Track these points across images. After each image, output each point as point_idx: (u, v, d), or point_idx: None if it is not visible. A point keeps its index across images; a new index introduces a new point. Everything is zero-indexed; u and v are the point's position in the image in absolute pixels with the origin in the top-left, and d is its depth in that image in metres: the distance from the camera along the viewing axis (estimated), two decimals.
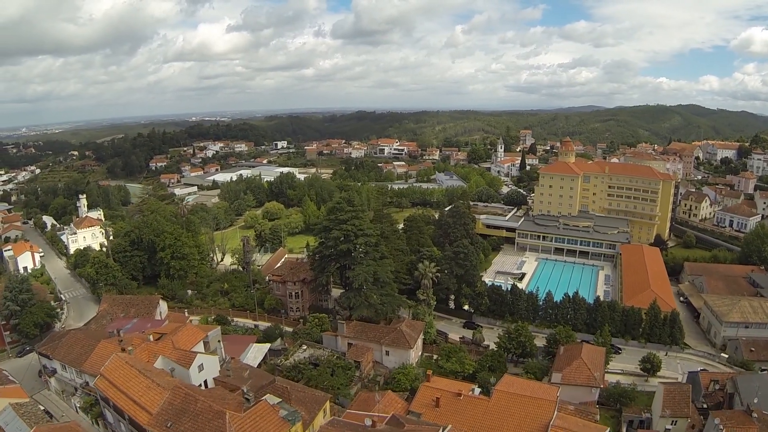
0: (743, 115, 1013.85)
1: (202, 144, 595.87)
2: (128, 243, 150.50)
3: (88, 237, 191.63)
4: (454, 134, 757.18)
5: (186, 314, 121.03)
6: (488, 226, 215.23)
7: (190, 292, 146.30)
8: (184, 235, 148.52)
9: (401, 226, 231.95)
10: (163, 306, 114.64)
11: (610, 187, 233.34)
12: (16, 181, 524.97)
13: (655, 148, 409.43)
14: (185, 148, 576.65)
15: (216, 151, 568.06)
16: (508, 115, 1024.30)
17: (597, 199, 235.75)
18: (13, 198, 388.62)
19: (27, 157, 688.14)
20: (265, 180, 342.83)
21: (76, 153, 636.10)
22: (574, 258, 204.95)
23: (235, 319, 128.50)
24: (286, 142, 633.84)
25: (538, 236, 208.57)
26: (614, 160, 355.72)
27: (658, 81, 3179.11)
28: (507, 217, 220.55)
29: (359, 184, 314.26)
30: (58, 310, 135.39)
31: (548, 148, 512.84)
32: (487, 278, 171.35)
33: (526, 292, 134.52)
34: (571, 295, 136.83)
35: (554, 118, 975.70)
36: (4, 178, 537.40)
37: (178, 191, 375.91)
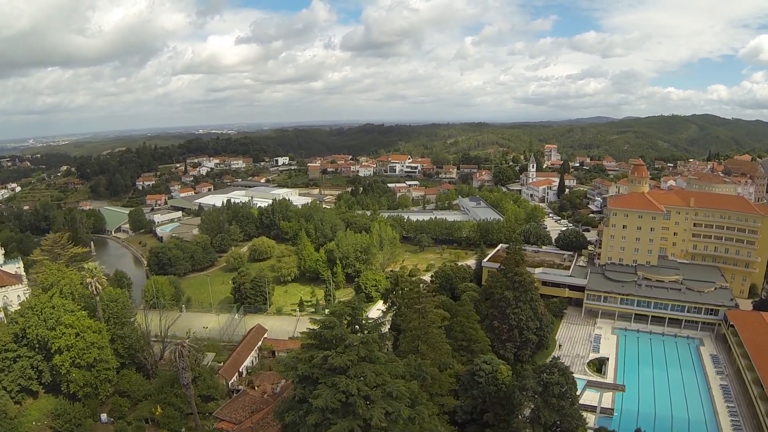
0: (758, 124, 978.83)
1: (196, 160, 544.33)
2: (11, 338, 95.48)
3: None
4: (467, 147, 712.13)
5: None
6: (545, 284, 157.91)
7: (104, 418, 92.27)
8: (93, 329, 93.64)
9: (428, 276, 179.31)
10: None
11: (695, 225, 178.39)
12: None
13: (715, 166, 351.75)
14: (177, 165, 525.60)
15: (211, 168, 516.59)
16: (520, 128, 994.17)
17: (678, 241, 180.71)
18: None
19: (19, 172, 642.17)
20: (257, 206, 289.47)
21: (66, 168, 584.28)
22: (661, 327, 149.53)
23: None
24: (287, 158, 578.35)
25: (616, 298, 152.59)
26: (670, 182, 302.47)
27: (666, 91, 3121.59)
28: (570, 271, 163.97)
29: (368, 213, 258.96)
30: None
31: (578, 164, 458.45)
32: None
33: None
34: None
35: (570, 130, 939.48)
36: None
37: (158, 217, 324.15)
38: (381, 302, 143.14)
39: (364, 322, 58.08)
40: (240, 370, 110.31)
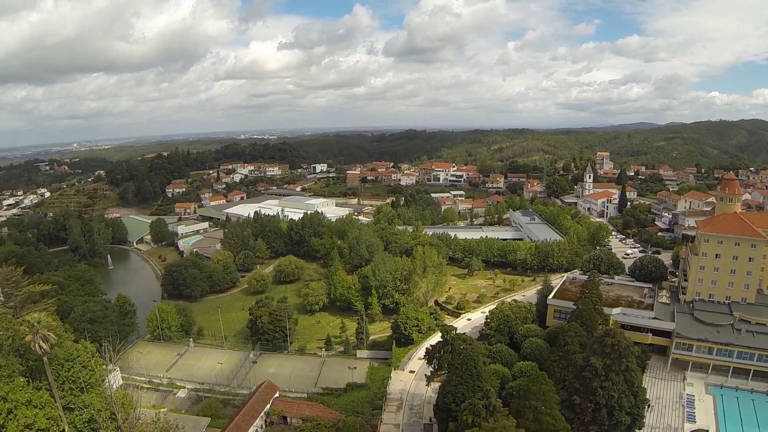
0: None
1: (231, 166, 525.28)
2: None
3: None
4: (512, 154, 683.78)
5: None
6: (623, 326, 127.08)
7: None
8: (34, 402, 69.05)
9: (479, 313, 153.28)
10: None
11: None
12: (21, 206, 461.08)
13: None
14: (210, 171, 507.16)
15: (245, 176, 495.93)
16: (564, 134, 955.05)
17: None
18: None
19: (55, 176, 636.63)
20: (288, 218, 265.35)
21: (101, 173, 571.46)
22: (765, 383, 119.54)
23: None
24: (326, 165, 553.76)
25: (709, 348, 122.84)
26: (746, 196, 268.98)
27: (710, 95, 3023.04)
28: (654, 312, 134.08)
29: (410, 229, 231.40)
30: None
31: (632, 173, 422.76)
32: None
33: None
34: None
35: (615, 137, 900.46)
36: (10, 201, 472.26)
37: (181, 229, 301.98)
38: (423, 350, 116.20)
39: None
40: None
